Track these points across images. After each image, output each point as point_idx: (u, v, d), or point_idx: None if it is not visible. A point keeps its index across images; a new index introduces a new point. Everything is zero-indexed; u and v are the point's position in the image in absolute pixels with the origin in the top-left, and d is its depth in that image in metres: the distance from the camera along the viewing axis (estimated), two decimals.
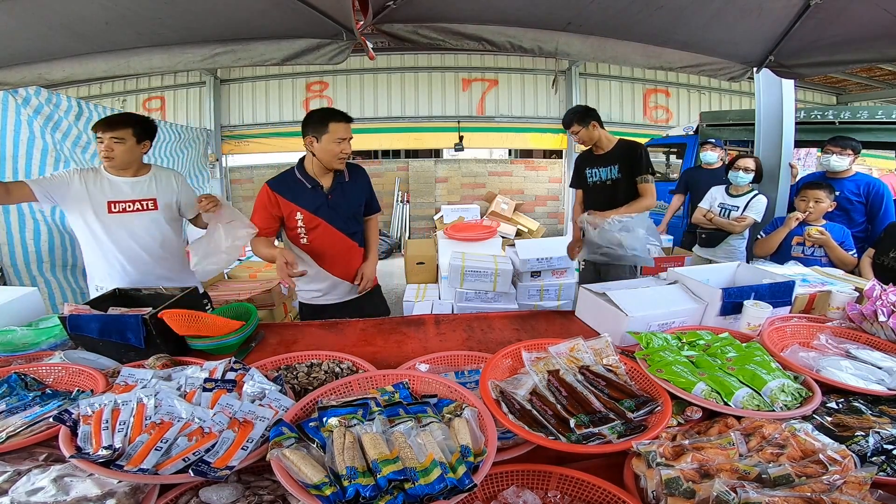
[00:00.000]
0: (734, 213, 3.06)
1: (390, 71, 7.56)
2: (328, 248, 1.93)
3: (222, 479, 0.75)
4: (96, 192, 1.80)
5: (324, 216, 1.88)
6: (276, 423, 0.84)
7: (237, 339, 1.40)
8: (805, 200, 2.47)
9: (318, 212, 1.87)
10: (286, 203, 1.85)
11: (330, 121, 1.79)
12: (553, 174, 8.13)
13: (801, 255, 2.43)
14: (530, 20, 1.92)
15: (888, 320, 1.27)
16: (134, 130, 1.80)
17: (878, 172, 4.22)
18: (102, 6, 1.48)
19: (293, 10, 1.62)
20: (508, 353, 1.16)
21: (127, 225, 1.84)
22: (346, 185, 1.93)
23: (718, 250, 3.16)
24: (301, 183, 1.86)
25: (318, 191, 1.87)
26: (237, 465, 0.77)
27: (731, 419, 0.93)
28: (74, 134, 3.36)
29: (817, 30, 1.91)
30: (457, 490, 0.70)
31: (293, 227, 1.88)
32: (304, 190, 1.86)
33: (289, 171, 1.91)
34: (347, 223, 1.95)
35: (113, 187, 1.83)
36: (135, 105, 7.59)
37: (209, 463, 0.76)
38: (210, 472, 0.74)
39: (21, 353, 1.31)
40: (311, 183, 1.86)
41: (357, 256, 2.02)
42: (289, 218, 1.87)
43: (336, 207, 1.90)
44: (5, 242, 2.84)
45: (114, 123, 1.77)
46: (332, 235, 1.91)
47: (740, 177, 3.03)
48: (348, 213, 1.95)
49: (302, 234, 1.89)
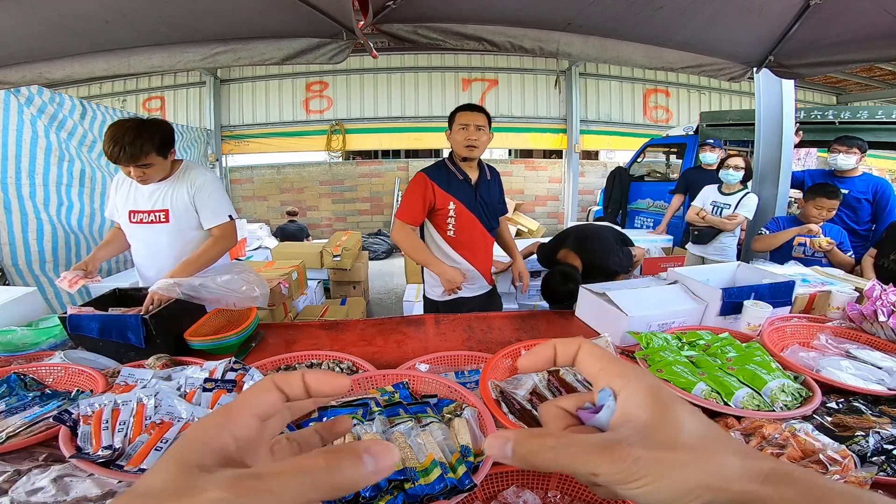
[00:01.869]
0: (726, 211, 3.14)
1: (390, 71, 7.56)
2: (472, 239, 2.00)
3: None
4: (123, 199, 1.73)
5: (472, 209, 1.96)
6: None
7: (237, 339, 1.40)
8: (821, 209, 2.47)
9: (468, 204, 1.94)
10: (441, 192, 1.90)
11: (458, 111, 1.91)
12: (553, 174, 8.13)
13: (802, 255, 2.44)
14: (531, 20, 1.92)
15: (888, 320, 1.27)
16: (157, 150, 1.61)
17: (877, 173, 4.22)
18: (102, 4, 1.48)
19: (293, 9, 1.62)
20: (508, 353, 1.16)
21: (144, 236, 1.75)
22: (489, 183, 2.03)
23: (710, 247, 3.26)
24: (454, 174, 1.94)
25: (468, 183, 1.95)
26: None
27: (732, 419, 0.93)
28: (80, 133, 3.37)
29: (817, 30, 1.91)
30: (457, 490, 0.70)
31: (444, 216, 1.93)
32: (456, 181, 1.94)
33: (440, 162, 1.99)
34: (489, 219, 2.04)
35: (136, 195, 1.73)
36: (135, 105, 7.60)
37: None
38: None
39: (21, 353, 1.30)
40: (462, 174, 1.95)
41: (491, 254, 2.12)
42: (441, 207, 1.91)
43: (483, 202, 1.99)
44: (7, 242, 2.84)
45: (136, 156, 1.55)
46: (478, 229, 2.00)
47: (730, 175, 3.12)
48: (491, 209, 2.04)
49: (451, 224, 1.94)
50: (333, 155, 7.86)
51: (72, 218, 3.18)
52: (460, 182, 1.94)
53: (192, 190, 1.73)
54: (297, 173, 7.97)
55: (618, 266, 2.34)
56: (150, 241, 1.76)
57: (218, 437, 0.28)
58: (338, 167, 7.97)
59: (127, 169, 1.61)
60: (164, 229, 1.73)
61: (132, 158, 1.55)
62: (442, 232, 1.97)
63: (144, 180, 1.65)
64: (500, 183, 2.12)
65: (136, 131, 1.55)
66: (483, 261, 2.08)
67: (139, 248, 1.80)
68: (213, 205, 1.75)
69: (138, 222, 1.74)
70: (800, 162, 4.22)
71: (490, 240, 2.09)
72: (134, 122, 1.59)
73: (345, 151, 7.83)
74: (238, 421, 0.29)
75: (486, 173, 2.03)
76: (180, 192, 1.73)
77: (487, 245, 2.09)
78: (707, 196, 3.30)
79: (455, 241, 1.98)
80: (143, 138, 1.56)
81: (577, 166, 7.92)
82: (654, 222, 5.29)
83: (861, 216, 2.76)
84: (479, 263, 2.06)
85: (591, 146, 8.23)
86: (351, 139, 7.66)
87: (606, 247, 2.35)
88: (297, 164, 8.01)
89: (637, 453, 0.25)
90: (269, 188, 8.01)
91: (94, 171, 3.41)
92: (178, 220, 1.74)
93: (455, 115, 1.92)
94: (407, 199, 1.91)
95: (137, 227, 1.75)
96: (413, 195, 1.89)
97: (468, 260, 2.02)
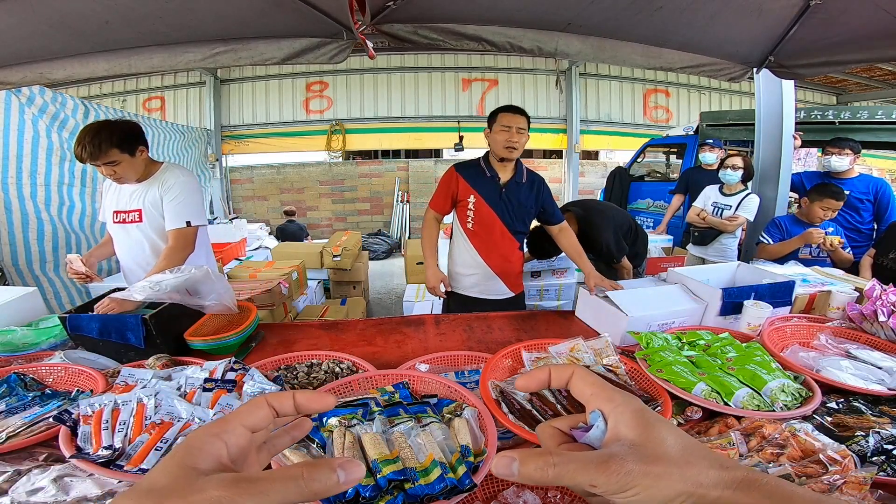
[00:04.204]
0: (727, 212, 3.13)
1: (390, 71, 7.56)
2: (489, 237, 2.03)
3: None
4: (110, 201, 1.77)
5: (493, 205, 1.99)
6: None
7: (237, 339, 1.40)
8: (827, 210, 2.47)
9: (490, 199, 1.99)
10: (464, 184, 2.00)
11: (500, 112, 1.94)
12: (553, 174, 8.13)
13: (808, 255, 2.45)
14: (530, 20, 1.92)
15: (888, 320, 1.27)
16: (118, 147, 1.62)
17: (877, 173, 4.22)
18: (103, 4, 1.48)
19: (293, 9, 1.62)
20: (508, 353, 1.16)
21: (124, 237, 1.79)
22: (522, 186, 2.04)
23: (710, 248, 3.25)
24: (482, 171, 2.01)
25: (495, 181, 1.99)
26: None
27: (732, 419, 0.93)
28: None
29: (817, 30, 1.91)
30: (457, 490, 0.70)
31: (464, 208, 2.02)
32: (483, 177, 2.00)
33: (475, 160, 2.07)
34: (514, 220, 2.04)
35: (119, 195, 1.77)
36: (135, 105, 7.60)
37: None
38: None
39: (21, 353, 1.30)
40: (490, 172, 2.00)
41: (515, 258, 2.11)
42: (462, 199, 2.01)
43: (507, 202, 2.00)
44: (7, 242, 2.84)
45: (95, 154, 1.58)
46: (497, 226, 2.02)
47: (728, 175, 3.11)
48: (517, 211, 2.04)
49: (470, 217, 2.02)
50: (333, 155, 7.86)
51: (73, 218, 3.19)
52: (487, 179, 2.00)
53: (161, 190, 1.74)
54: (297, 173, 7.96)
55: (608, 247, 2.36)
56: (126, 241, 1.80)
57: (214, 445, 0.32)
58: (338, 167, 7.97)
59: (101, 169, 1.65)
60: (137, 228, 1.77)
61: (91, 157, 1.60)
62: (463, 223, 2.06)
63: (118, 179, 1.70)
64: (542, 190, 2.08)
65: (96, 130, 1.60)
66: (499, 262, 2.06)
67: (120, 248, 1.83)
68: (175, 207, 1.73)
69: (120, 222, 1.79)
70: (800, 162, 4.21)
71: (513, 243, 2.07)
72: (97, 123, 1.65)
73: (345, 151, 7.83)
74: (232, 431, 0.34)
75: (521, 176, 2.04)
76: (152, 192, 1.75)
77: (507, 246, 2.06)
78: (708, 196, 3.28)
79: (473, 234, 2.05)
80: (101, 136, 1.59)
81: (577, 166, 7.92)
82: (654, 222, 5.29)
83: (864, 216, 2.78)
84: (495, 263, 2.06)
85: (591, 146, 8.23)
86: (351, 139, 7.66)
87: (605, 225, 2.39)
88: (297, 164, 8.01)
89: (629, 466, 0.29)
90: (270, 188, 8.01)
91: (95, 171, 3.41)
92: (149, 220, 1.76)
93: (497, 116, 1.93)
94: (437, 189, 2.08)
95: (119, 226, 1.80)
96: (441, 185, 2.06)
97: (483, 256, 2.05)
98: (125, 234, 1.80)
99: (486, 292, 2.09)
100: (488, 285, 2.08)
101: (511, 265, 2.10)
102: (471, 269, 2.08)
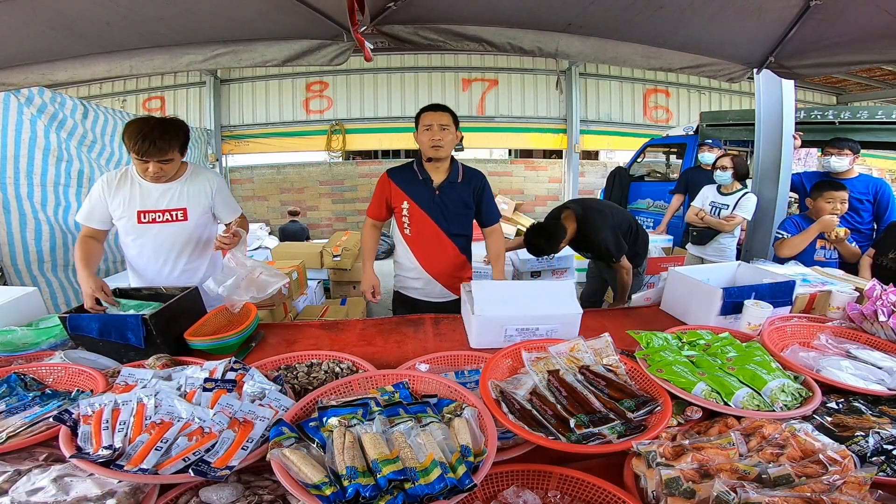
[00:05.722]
0: (724, 211, 3.16)
1: (390, 71, 7.55)
2: (427, 242, 2.00)
3: (222, 479, 0.75)
4: (124, 201, 1.72)
5: (427, 210, 1.95)
6: (276, 423, 0.84)
7: (237, 339, 1.40)
8: (832, 202, 2.46)
9: (423, 204, 1.95)
10: (397, 190, 1.96)
11: (422, 112, 1.92)
12: (553, 174, 8.13)
13: (822, 258, 2.46)
14: (530, 21, 1.92)
15: (888, 320, 1.27)
16: (180, 148, 1.68)
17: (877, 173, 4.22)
18: (103, 6, 1.48)
19: (294, 11, 1.62)
20: (508, 353, 1.16)
21: (152, 236, 1.76)
22: (458, 186, 1.97)
23: (708, 248, 3.28)
24: (415, 174, 1.96)
25: (428, 185, 1.95)
26: (237, 464, 0.77)
27: (731, 419, 0.93)
28: (80, 133, 3.36)
29: (817, 30, 1.91)
30: (457, 490, 0.70)
31: (399, 214, 1.98)
32: (416, 181, 1.95)
33: (408, 163, 2.02)
34: (450, 223, 1.98)
35: (143, 195, 1.73)
36: (135, 105, 7.60)
37: (209, 463, 0.76)
38: (210, 471, 0.74)
39: (21, 353, 1.30)
40: (423, 175, 1.95)
41: (457, 261, 2.04)
42: (396, 205, 1.97)
43: (442, 204, 1.95)
44: (6, 242, 2.84)
45: (165, 150, 1.61)
46: (433, 231, 1.97)
47: (719, 175, 3.18)
48: (454, 213, 1.98)
49: (406, 223, 1.99)
50: (333, 155, 7.85)
51: (69, 218, 3.18)
52: (420, 182, 1.95)
53: (210, 190, 1.82)
54: (297, 173, 7.96)
55: (606, 247, 2.36)
56: (155, 240, 1.77)
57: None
58: (338, 167, 7.96)
59: (145, 166, 1.63)
60: (181, 227, 1.78)
61: (161, 152, 1.60)
62: (401, 229, 2.03)
63: (159, 177, 1.69)
64: (481, 189, 2.01)
65: (164, 127, 1.62)
66: (438, 267, 2.02)
67: (145, 248, 1.78)
68: (227, 200, 1.90)
69: (150, 222, 1.75)
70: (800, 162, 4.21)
71: (450, 246, 2.01)
72: (159, 119, 1.66)
73: (345, 151, 7.82)
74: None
75: (457, 176, 1.96)
76: (198, 191, 1.80)
77: (446, 250, 2.01)
78: (706, 196, 3.32)
79: (410, 240, 2.02)
80: (170, 134, 1.63)
81: (577, 166, 7.91)
82: (654, 222, 5.29)
83: (864, 216, 2.78)
84: (434, 269, 2.02)
85: (591, 146, 8.21)
86: (351, 139, 7.65)
87: (603, 225, 2.39)
88: (297, 164, 8.00)
89: None
90: (270, 188, 8.01)
91: (92, 171, 3.41)
92: (196, 218, 1.80)
93: (420, 117, 1.92)
94: (373, 195, 2.06)
95: (147, 226, 1.75)
96: (376, 191, 2.04)
97: (421, 262, 2.02)
98: (156, 232, 1.76)
99: (428, 295, 2.07)
100: (428, 289, 2.06)
101: (449, 269, 2.04)
102: (412, 272, 2.06)
